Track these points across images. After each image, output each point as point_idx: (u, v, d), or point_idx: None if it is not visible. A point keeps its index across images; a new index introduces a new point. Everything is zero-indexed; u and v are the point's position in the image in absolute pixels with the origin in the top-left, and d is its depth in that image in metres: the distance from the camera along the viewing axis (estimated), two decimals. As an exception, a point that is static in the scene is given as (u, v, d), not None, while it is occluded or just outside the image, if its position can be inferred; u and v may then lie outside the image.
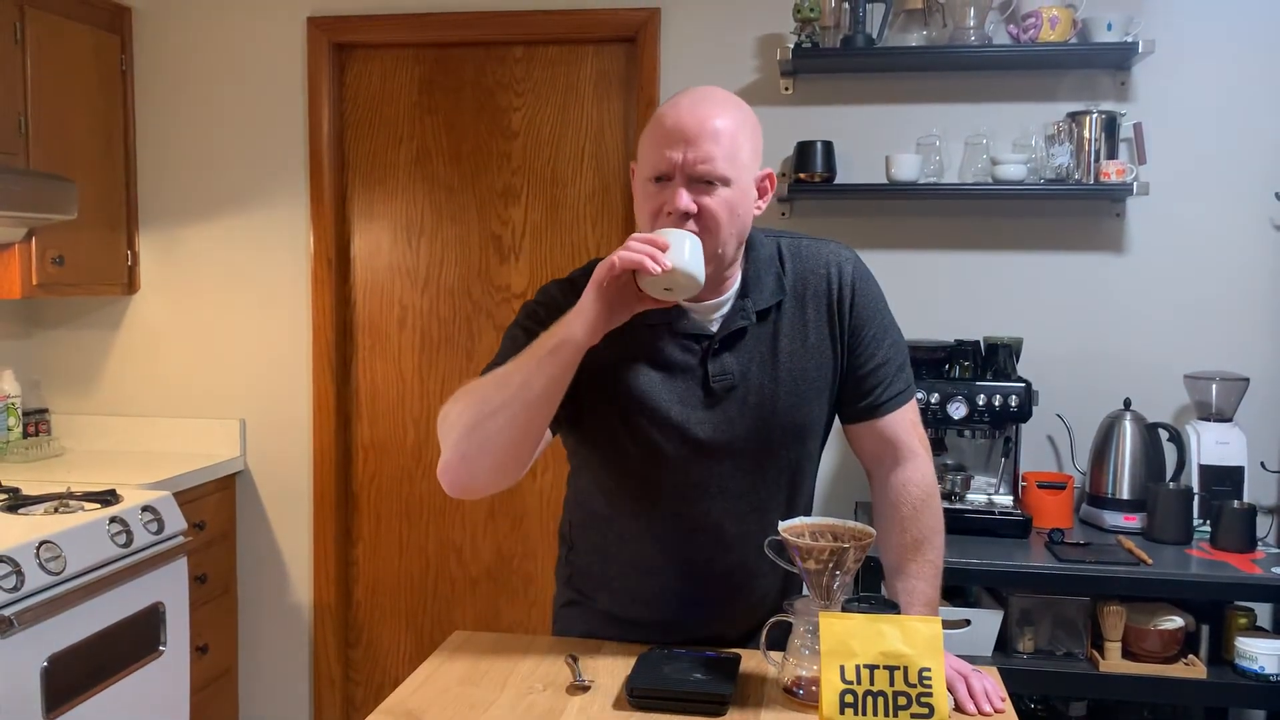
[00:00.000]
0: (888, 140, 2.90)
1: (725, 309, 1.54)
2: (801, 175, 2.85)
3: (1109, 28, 2.71)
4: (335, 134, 3.24)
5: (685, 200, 1.43)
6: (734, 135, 1.44)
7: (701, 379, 1.53)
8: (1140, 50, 2.68)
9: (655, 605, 1.64)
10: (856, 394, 1.60)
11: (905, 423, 1.61)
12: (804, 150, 2.85)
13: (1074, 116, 2.77)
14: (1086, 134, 2.74)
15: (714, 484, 1.56)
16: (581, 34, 3.10)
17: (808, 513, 1.64)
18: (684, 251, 1.36)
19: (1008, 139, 2.85)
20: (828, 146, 2.85)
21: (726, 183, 1.44)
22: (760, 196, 1.52)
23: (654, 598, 1.63)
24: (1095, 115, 2.74)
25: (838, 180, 2.87)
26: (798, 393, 1.55)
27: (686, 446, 1.54)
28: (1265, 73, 2.81)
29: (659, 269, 1.33)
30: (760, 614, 1.56)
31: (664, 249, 1.35)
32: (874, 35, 2.81)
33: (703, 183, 1.43)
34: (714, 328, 1.54)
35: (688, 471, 1.55)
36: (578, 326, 1.37)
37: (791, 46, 2.80)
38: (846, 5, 2.81)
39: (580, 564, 1.72)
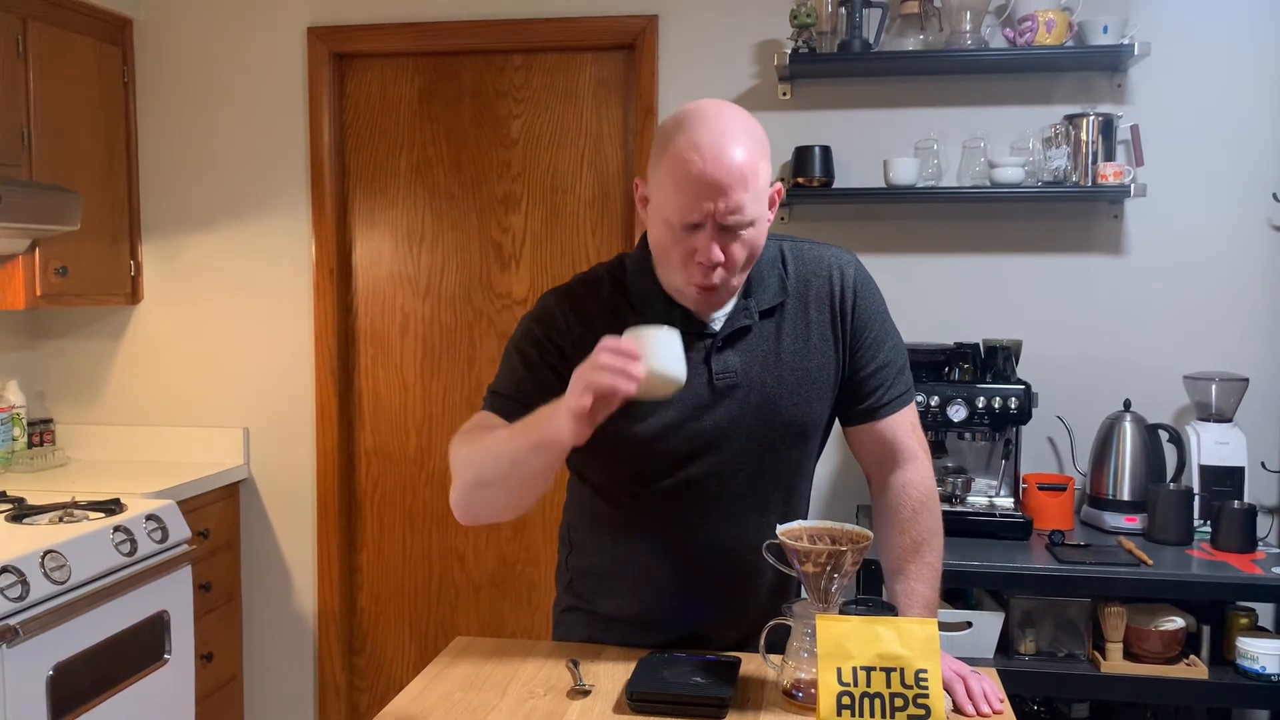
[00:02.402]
0: (885, 144, 2.91)
1: (728, 308, 1.55)
2: (800, 180, 2.86)
3: (1105, 30, 2.72)
4: (336, 143, 3.25)
5: (717, 253, 1.43)
6: (756, 170, 1.42)
7: (705, 377, 1.54)
8: (1136, 52, 2.69)
9: (655, 605, 1.65)
10: (857, 396, 1.61)
11: (905, 425, 1.63)
12: (802, 155, 2.86)
13: (1071, 119, 2.78)
14: (1083, 136, 2.75)
15: (714, 482, 1.57)
16: (580, 42, 3.12)
17: (804, 514, 1.65)
18: (660, 354, 1.31)
19: (1005, 142, 2.86)
20: (826, 151, 2.87)
21: (753, 224, 1.44)
22: (770, 208, 1.54)
23: (653, 598, 1.64)
24: (1092, 118, 2.75)
25: (836, 184, 2.88)
26: (800, 392, 1.56)
27: (689, 444, 1.55)
28: (1261, 73, 2.82)
29: (632, 388, 1.29)
30: (760, 615, 1.57)
31: (636, 356, 1.30)
32: (870, 40, 2.82)
33: (731, 228, 1.43)
34: (717, 326, 1.55)
35: (688, 469, 1.56)
36: (564, 432, 1.33)
37: (789, 52, 2.81)
38: (843, 10, 2.82)
39: (580, 566, 1.73)
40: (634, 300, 1.56)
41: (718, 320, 1.55)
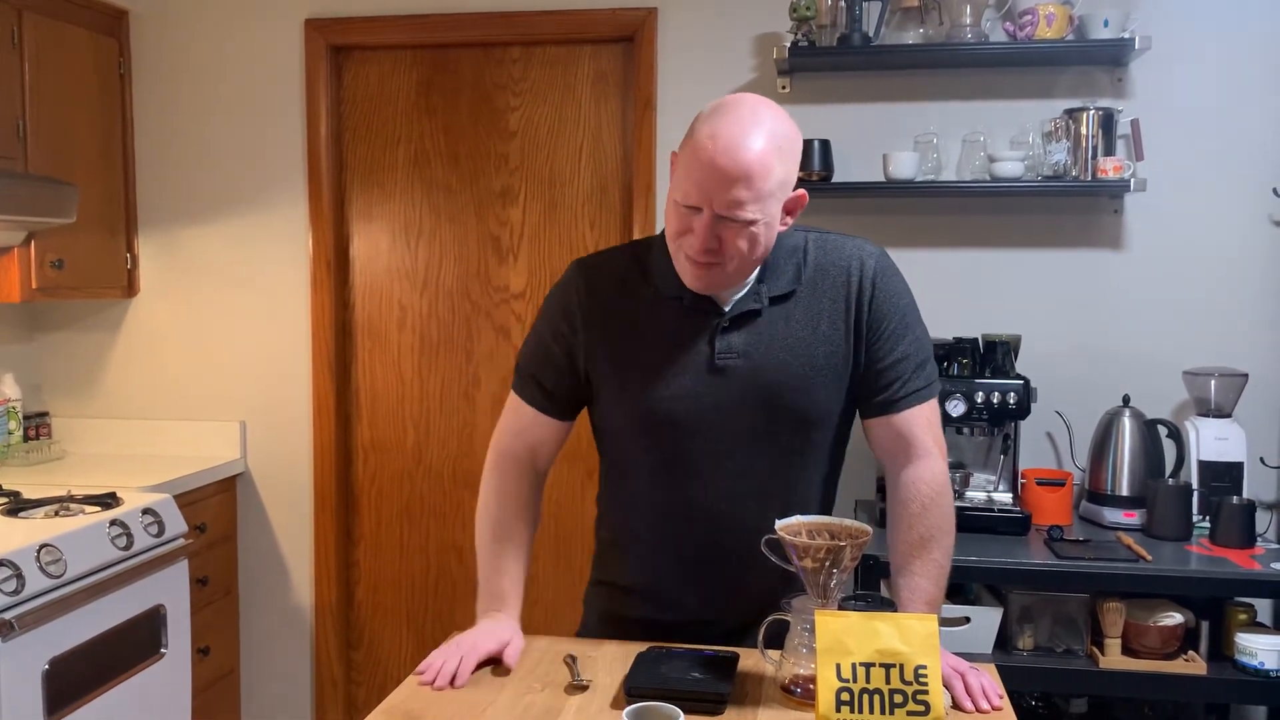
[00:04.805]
0: (885, 138, 2.90)
1: (741, 292, 1.58)
2: (799, 174, 2.84)
3: (1105, 24, 2.71)
4: (333, 136, 3.24)
5: (709, 240, 1.47)
6: (767, 172, 1.44)
7: (707, 355, 1.57)
8: (1137, 46, 2.68)
9: (661, 579, 1.67)
10: (873, 388, 1.61)
11: (921, 420, 1.62)
12: (801, 149, 2.84)
13: (1071, 113, 2.77)
14: (1084, 131, 2.74)
15: (710, 460, 1.59)
16: (579, 34, 3.10)
17: (819, 510, 1.64)
18: None
19: (1005, 136, 2.85)
20: (825, 145, 2.86)
21: (754, 223, 1.46)
22: (788, 214, 1.54)
23: (659, 572, 1.67)
24: (1092, 112, 2.74)
25: (835, 179, 2.88)
26: (804, 378, 1.57)
27: (689, 418, 1.57)
28: (1262, 67, 2.81)
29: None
30: (761, 604, 1.57)
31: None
32: (870, 33, 2.81)
33: (727, 220, 1.46)
34: (727, 307, 1.57)
35: (687, 445, 1.59)
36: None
37: (788, 45, 2.80)
38: (843, 4, 2.81)
39: (604, 537, 1.79)
40: (649, 273, 1.62)
41: (728, 302, 1.58)
